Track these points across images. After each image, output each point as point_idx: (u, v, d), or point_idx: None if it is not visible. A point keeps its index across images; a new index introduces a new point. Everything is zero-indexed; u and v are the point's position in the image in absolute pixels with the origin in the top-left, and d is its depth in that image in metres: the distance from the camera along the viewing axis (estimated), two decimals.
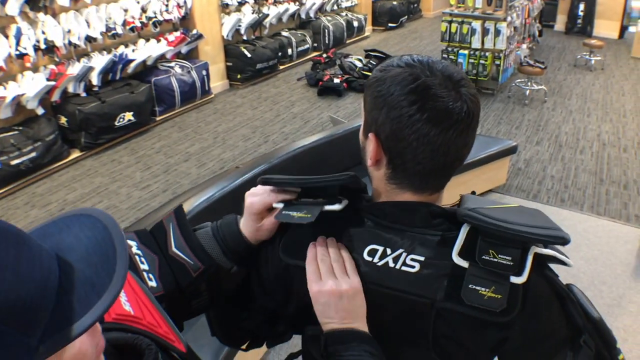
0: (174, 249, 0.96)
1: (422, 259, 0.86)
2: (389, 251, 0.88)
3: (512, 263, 0.83)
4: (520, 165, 5.03)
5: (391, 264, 0.88)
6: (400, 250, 0.88)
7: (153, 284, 0.93)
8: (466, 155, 0.89)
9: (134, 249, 0.94)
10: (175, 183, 4.77)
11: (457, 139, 0.84)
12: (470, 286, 0.83)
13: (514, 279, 0.83)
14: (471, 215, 0.84)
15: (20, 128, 4.72)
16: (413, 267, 0.87)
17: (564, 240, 0.82)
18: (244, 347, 1.12)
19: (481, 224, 0.83)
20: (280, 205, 0.95)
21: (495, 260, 0.83)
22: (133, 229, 1.01)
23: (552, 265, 0.92)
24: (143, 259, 0.94)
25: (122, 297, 0.76)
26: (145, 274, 0.93)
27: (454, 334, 0.87)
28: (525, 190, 4.61)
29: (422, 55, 0.89)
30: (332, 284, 0.88)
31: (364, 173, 0.99)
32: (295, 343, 1.07)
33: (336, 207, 0.91)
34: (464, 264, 0.84)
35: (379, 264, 0.89)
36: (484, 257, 0.83)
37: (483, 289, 0.83)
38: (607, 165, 5.07)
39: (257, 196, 0.97)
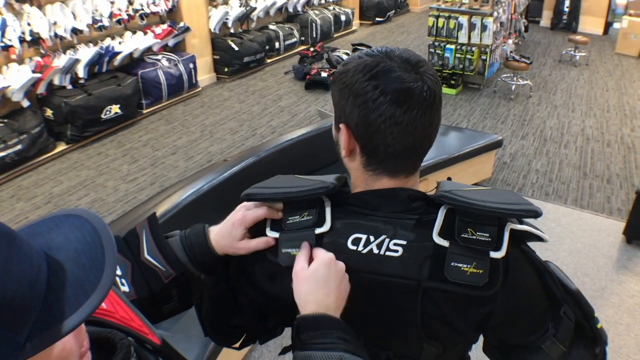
0: (146, 255, 0.97)
1: (404, 242, 0.89)
2: (372, 238, 0.91)
3: (490, 239, 0.87)
4: (506, 159, 5.09)
5: (375, 251, 0.90)
6: (383, 237, 0.90)
7: (125, 289, 0.94)
8: (434, 134, 0.92)
9: None
10: (162, 176, 4.76)
11: (421, 118, 0.87)
12: (452, 264, 0.86)
13: (494, 254, 0.86)
14: (447, 196, 0.88)
15: (6, 120, 4.68)
16: (396, 251, 0.89)
17: (536, 213, 0.86)
18: (236, 345, 1.13)
19: (457, 204, 0.87)
20: (276, 234, 0.96)
21: (474, 237, 0.87)
22: (120, 222, 1.02)
23: (533, 248, 0.96)
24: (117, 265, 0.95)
25: None
26: (118, 279, 0.94)
27: (441, 313, 0.90)
28: (510, 183, 4.67)
29: (382, 47, 0.92)
30: (326, 256, 0.89)
31: (341, 170, 1.02)
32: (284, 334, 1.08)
33: (325, 228, 0.93)
34: (445, 243, 0.87)
35: (364, 251, 0.91)
36: (462, 235, 0.87)
37: (465, 266, 0.86)
38: (590, 159, 5.15)
39: (251, 210, 0.99)
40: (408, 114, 0.85)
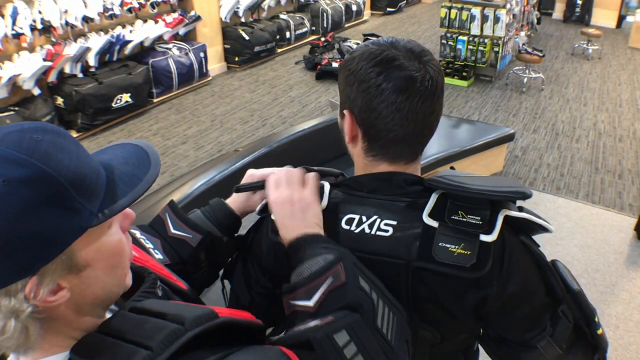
0: (172, 230, 1.06)
1: (394, 222, 0.91)
2: (364, 219, 0.93)
3: (481, 222, 0.88)
4: (517, 153, 5.06)
5: (367, 230, 0.93)
6: (375, 217, 0.93)
7: (159, 256, 1.02)
8: (435, 123, 0.94)
9: (138, 235, 1.03)
10: (173, 165, 4.78)
11: (422, 106, 0.89)
12: (440, 244, 0.88)
13: (484, 237, 0.87)
14: (437, 180, 0.90)
15: (17, 109, 4.69)
16: (387, 231, 0.91)
17: (524, 195, 0.88)
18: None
19: (447, 187, 0.89)
20: None
21: (465, 220, 0.89)
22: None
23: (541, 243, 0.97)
24: (147, 241, 1.03)
25: None
26: (151, 249, 1.02)
27: (434, 295, 0.92)
28: (521, 177, 4.64)
29: (389, 37, 0.95)
30: (287, 192, 0.96)
31: (351, 163, 1.04)
32: None
33: (321, 205, 0.98)
34: (434, 224, 0.89)
35: (356, 231, 0.93)
36: (453, 217, 0.89)
37: (452, 246, 0.88)
38: (602, 154, 5.11)
39: (258, 172, 1.08)
40: (410, 101, 0.88)
